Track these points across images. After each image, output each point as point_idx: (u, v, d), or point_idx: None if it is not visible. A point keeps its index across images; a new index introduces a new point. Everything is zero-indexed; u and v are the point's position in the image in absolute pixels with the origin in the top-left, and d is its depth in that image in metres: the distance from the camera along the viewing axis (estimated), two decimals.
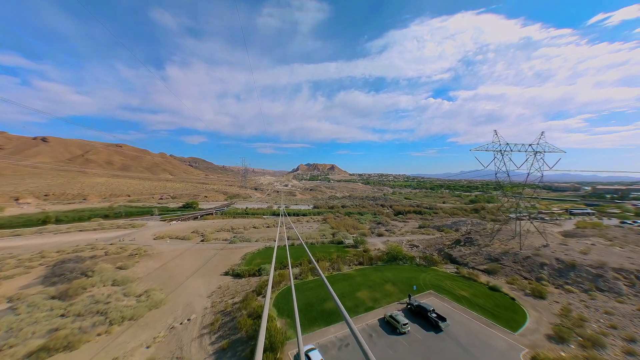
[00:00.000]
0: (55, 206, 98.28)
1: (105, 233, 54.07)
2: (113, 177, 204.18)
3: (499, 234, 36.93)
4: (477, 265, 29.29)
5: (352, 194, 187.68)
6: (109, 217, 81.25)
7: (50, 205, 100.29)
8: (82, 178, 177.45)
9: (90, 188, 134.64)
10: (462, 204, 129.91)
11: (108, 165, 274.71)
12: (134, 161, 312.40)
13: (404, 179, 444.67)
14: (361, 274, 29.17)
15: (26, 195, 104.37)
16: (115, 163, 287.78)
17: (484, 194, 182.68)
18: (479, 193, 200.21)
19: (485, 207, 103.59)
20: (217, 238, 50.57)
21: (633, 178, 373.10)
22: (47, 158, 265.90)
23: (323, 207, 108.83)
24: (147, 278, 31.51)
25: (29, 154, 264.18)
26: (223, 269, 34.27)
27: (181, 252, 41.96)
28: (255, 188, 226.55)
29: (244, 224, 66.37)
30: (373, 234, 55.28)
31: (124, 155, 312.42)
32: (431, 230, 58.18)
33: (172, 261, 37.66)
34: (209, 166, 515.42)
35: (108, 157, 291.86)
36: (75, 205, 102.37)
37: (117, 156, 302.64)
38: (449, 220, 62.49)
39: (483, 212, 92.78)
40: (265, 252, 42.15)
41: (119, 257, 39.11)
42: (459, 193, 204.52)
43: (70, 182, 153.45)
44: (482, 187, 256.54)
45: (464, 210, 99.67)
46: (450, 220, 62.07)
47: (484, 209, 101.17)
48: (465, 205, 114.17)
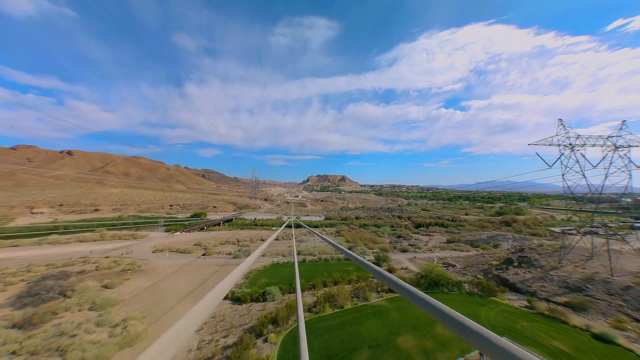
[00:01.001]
0: (68, 216, 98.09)
1: (105, 244, 50.53)
2: (128, 188, 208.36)
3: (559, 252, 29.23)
4: (552, 296, 22.02)
5: (365, 205, 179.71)
6: (116, 227, 79.14)
7: (63, 215, 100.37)
8: (98, 189, 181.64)
9: (104, 198, 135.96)
10: (487, 215, 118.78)
11: (125, 177, 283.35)
12: (150, 172, 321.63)
13: (417, 190, 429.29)
14: (397, 307, 21.81)
15: (41, 205, 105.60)
16: (132, 174, 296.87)
17: (509, 205, 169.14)
18: (503, 204, 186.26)
19: (517, 220, 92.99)
20: (221, 252, 45.52)
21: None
22: (70, 170, 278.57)
23: (335, 218, 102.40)
24: (132, 300, 26.53)
25: (54, 166, 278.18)
26: None
27: (178, 268, 37.06)
28: (265, 199, 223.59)
29: (251, 236, 61.26)
30: (395, 249, 48.28)
31: (141, 167, 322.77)
32: (463, 245, 50.35)
33: (166, 279, 32.70)
34: (221, 177, 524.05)
35: (126, 169, 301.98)
36: (87, 215, 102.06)
37: (134, 168, 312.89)
38: (483, 234, 54.33)
39: (516, 224, 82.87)
40: (272, 270, 36.46)
41: (110, 272, 34.73)
42: (480, 204, 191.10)
43: (87, 192, 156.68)
44: (505, 198, 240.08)
45: (492, 222, 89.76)
46: (485, 234, 53.93)
47: (515, 221, 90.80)
48: (492, 217, 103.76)
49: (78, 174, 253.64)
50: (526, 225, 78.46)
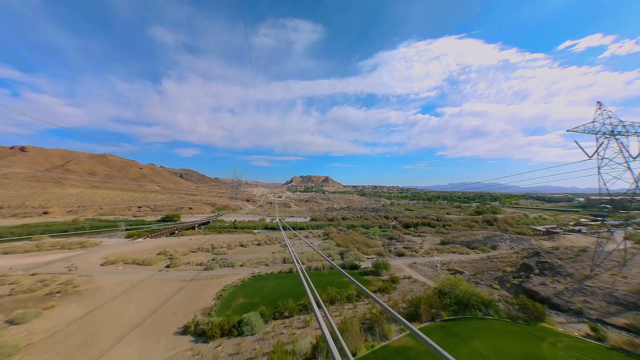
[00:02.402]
0: (7, 220, 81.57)
1: (40, 256, 39.74)
2: (92, 188, 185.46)
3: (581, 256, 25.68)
4: (604, 316, 17.85)
5: (350, 205, 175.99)
6: (68, 232, 66.16)
7: (1, 219, 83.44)
8: (54, 189, 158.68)
9: (58, 200, 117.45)
10: (467, 214, 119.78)
11: (90, 176, 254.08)
12: (119, 172, 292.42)
13: (398, 190, 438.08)
14: (426, 349, 14.25)
15: None
16: (99, 174, 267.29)
17: (484, 205, 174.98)
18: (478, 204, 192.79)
19: (497, 219, 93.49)
20: (190, 262, 37.32)
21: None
22: (23, 168, 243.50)
23: (322, 219, 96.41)
24: (45, 344, 18.21)
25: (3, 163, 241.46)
26: (183, 318, 21.31)
27: (130, 286, 28.59)
28: (248, 199, 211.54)
29: (228, 240, 53.10)
30: (391, 253, 43.31)
31: (109, 166, 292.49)
32: (458, 247, 46.78)
33: (110, 304, 24.34)
34: (201, 178, 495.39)
35: (91, 168, 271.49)
36: (33, 219, 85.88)
37: (101, 166, 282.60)
38: (477, 235, 51.42)
39: (497, 223, 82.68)
40: (252, 284, 29.39)
41: (30, 297, 25.51)
42: (457, 204, 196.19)
43: (38, 193, 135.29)
44: (478, 198, 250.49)
45: (476, 222, 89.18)
46: (480, 235, 51.02)
47: (496, 220, 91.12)
48: (474, 217, 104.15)
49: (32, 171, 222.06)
50: (508, 224, 78.30)
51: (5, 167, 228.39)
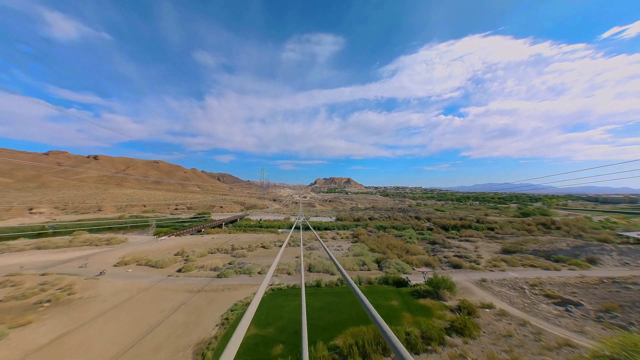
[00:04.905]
0: (68, 216, 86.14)
1: (63, 254, 36.56)
2: (143, 189, 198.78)
3: None
4: None
5: (375, 205, 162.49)
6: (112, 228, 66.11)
7: (64, 215, 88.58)
8: (114, 190, 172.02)
9: (113, 199, 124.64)
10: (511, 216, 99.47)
11: (144, 179, 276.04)
12: (167, 175, 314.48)
13: (421, 191, 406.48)
14: None
15: (44, 205, 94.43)
16: (151, 177, 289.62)
17: (525, 206, 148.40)
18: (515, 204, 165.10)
19: (555, 222, 74.25)
20: (204, 266, 30.60)
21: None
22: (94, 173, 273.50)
23: (347, 219, 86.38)
24: None
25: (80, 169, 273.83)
26: (167, 358, 13.69)
27: (128, 296, 22.28)
28: (274, 199, 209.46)
29: (250, 241, 46.30)
30: (442, 264, 32.14)
31: (159, 170, 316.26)
32: (532, 257, 33.67)
33: (91, 323, 17.90)
34: (235, 180, 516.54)
35: (145, 172, 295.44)
36: (88, 215, 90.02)
37: (153, 171, 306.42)
38: (557, 243, 37.31)
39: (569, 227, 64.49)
40: (270, 303, 21.13)
41: (16, 306, 20.34)
42: (493, 204, 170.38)
43: (100, 193, 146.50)
44: (514, 198, 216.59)
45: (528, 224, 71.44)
46: (562, 243, 36.92)
47: (554, 223, 72.33)
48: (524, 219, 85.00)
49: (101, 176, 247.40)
50: (580, 229, 60.24)
51: (82, 173, 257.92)
